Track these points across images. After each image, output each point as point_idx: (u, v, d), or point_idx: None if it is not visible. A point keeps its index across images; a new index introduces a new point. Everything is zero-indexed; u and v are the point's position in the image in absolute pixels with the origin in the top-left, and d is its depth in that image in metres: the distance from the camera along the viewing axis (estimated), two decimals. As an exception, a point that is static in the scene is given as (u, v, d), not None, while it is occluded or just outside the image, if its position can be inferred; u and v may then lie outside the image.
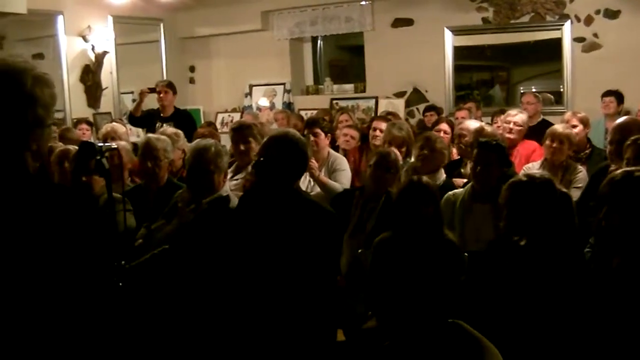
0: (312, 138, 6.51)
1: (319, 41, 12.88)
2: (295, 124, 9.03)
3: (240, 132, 6.20)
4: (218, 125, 11.15)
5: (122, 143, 6.00)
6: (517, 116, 7.26)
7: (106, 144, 3.65)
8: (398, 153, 6.04)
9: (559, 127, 6.45)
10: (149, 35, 12.87)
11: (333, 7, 11.84)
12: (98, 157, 3.48)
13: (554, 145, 6.21)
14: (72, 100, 11.19)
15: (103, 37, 11.58)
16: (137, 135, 10.00)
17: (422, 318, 2.77)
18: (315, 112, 10.97)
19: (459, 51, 11.10)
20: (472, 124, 6.92)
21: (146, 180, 5.57)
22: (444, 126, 7.68)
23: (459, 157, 6.94)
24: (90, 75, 11.45)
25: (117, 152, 3.95)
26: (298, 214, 4.04)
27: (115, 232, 3.92)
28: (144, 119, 9.17)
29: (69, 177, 5.33)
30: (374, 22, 11.54)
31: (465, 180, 6.01)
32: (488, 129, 6.82)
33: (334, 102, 11.87)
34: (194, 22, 12.80)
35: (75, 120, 10.20)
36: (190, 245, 4.45)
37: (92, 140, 8.51)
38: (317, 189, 6.14)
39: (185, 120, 8.81)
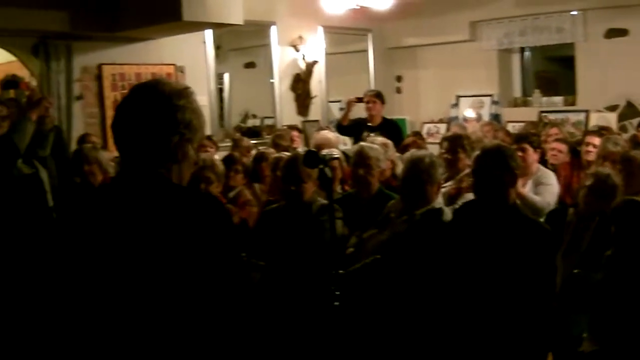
0: (520, 153, 6.38)
1: (525, 52, 12.61)
2: (503, 139, 8.86)
3: (451, 142, 6.22)
4: (424, 136, 11.13)
5: (336, 151, 6.10)
6: None
7: (329, 153, 3.71)
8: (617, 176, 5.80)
9: None
10: (358, 45, 13.05)
11: (543, 17, 11.51)
12: (321, 166, 3.54)
13: None
14: (282, 108, 11.56)
15: (314, 47, 11.87)
16: (344, 143, 10.14)
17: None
18: (522, 124, 10.76)
19: (675, 63, 10.52)
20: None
21: (358, 188, 5.61)
22: (663, 143, 7.31)
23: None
24: (300, 83, 11.75)
25: (339, 161, 4.02)
26: (515, 230, 3.97)
27: (333, 239, 3.97)
28: (351, 128, 9.29)
29: (280, 184, 5.46)
30: (586, 33, 11.16)
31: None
32: None
33: (543, 114, 11.57)
34: (402, 32, 12.86)
35: (285, 128, 10.47)
36: (403, 256, 4.45)
37: (301, 147, 8.72)
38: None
39: (392, 130, 8.84)
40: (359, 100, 9.26)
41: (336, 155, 3.79)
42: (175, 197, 2.32)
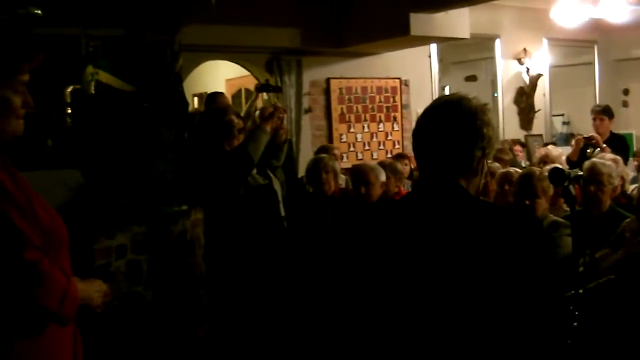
0: None
1: None
2: None
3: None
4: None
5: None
6: None
7: (574, 170, 3.69)
8: None
9: None
10: (582, 58, 12.77)
11: None
12: (566, 183, 3.53)
13: None
14: (505, 122, 11.47)
15: (538, 60, 11.72)
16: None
17: None
18: None
19: None
20: None
21: (588, 206, 5.50)
22: None
23: None
24: (523, 97, 11.63)
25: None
26: None
27: (573, 258, 3.95)
28: (580, 158, 9.05)
29: (511, 199, 5.44)
30: None
31: None
32: None
33: None
34: (629, 44, 12.46)
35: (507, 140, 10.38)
36: (638, 277, 4.34)
37: (523, 162, 8.64)
38: None
39: (618, 146, 8.56)
40: (588, 139, 8.98)
41: (580, 173, 3.75)
42: (485, 211, 2.39)
